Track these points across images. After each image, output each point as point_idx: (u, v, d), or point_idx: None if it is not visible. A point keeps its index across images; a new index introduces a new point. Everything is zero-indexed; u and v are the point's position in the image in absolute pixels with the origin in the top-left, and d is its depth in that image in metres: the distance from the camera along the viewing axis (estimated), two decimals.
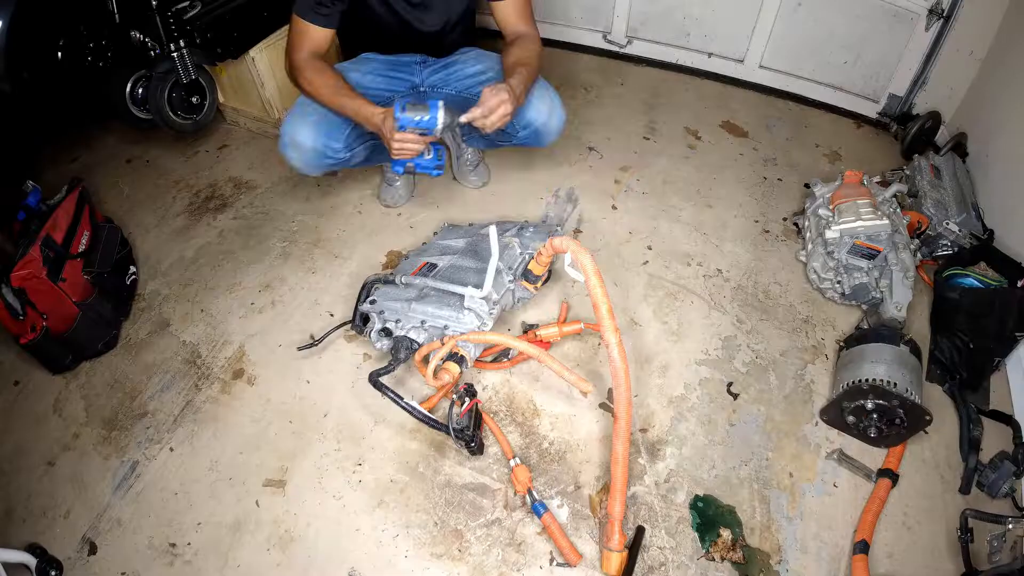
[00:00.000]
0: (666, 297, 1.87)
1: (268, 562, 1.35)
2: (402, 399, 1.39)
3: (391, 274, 1.70)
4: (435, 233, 1.97)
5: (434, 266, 1.69)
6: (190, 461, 1.52)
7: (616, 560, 1.29)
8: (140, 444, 1.56)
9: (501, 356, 1.68)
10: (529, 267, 1.59)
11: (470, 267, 1.66)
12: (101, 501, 1.46)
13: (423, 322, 1.53)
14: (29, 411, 1.65)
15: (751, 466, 1.49)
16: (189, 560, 1.36)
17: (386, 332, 1.55)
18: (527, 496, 1.40)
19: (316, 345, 1.68)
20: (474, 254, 1.72)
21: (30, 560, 1.28)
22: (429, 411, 1.44)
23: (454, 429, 1.40)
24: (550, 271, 1.79)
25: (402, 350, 1.49)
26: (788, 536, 1.38)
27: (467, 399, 1.45)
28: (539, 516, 1.37)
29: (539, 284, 1.64)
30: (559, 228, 1.90)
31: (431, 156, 1.74)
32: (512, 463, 1.44)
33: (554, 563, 1.34)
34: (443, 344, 1.44)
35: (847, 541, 1.37)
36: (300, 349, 1.70)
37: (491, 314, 1.54)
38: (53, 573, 1.29)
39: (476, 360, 1.61)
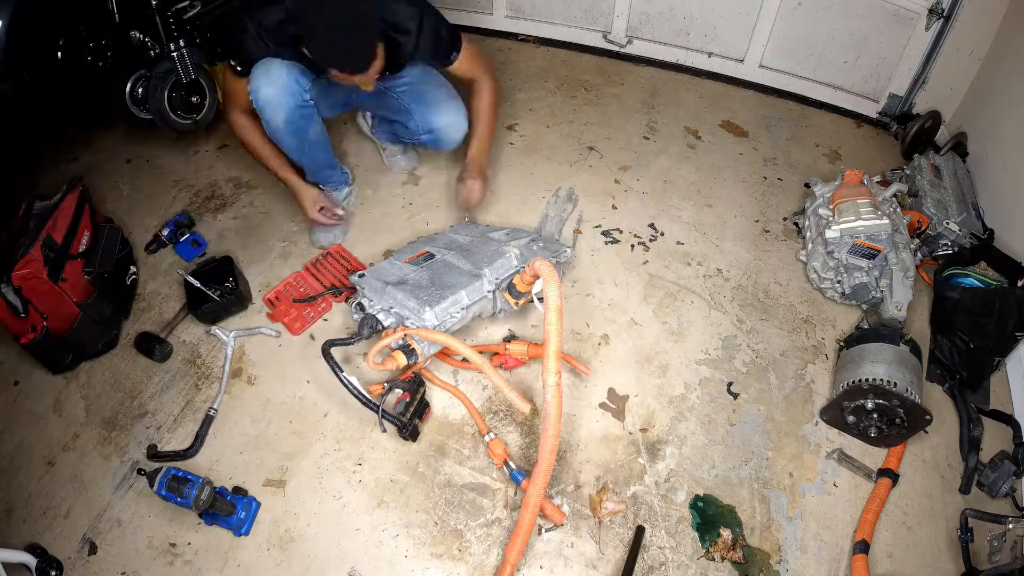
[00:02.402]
0: (666, 297, 1.87)
1: (268, 562, 1.35)
2: (342, 371, 1.39)
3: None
4: (451, 226, 1.98)
5: (431, 256, 1.72)
6: (190, 461, 1.52)
7: None
8: (140, 444, 1.56)
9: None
10: (514, 281, 1.58)
11: (461, 268, 1.66)
12: (101, 501, 1.46)
13: (391, 307, 1.54)
14: (29, 411, 1.65)
15: (751, 466, 1.49)
16: (189, 560, 1.36)
17: (360, 307, 1.58)
18: (504, 467, 1.43)
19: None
20: (471, 254, 1.72)
21: (30, 560, 1.28)
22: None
23: (383, 411, 1.42)
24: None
25: (366, 327, 1.51)
26: (788, 536, 1.38)
27: (399, 390, 1.50)
28: (518, 484, 1.41)
29: (521, 301, 1.60)
30: (568, 250, 1.84)
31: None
32: (487, 438, 1.47)
33: (543, 531, 1.37)
34: (409, 356, 1.45)
35: (847, 541, 1.37)
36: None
37: (453, 317, 1.54)
38: (53, 573, 1.29)
39: (442, 353, 1.63)
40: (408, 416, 1.48)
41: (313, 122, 1.80)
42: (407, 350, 1.45)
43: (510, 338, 1.71)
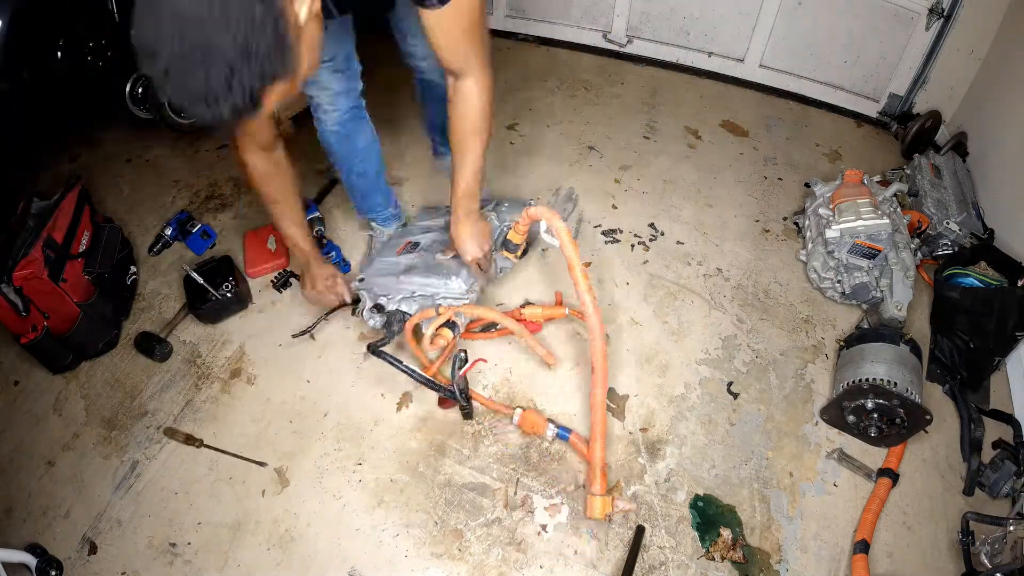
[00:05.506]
0: (666, 297, 1.87)
1: (268, 562, 1.35)
2: (402, 363, 1.41)
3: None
4: (411, 216, 1.97)
5: (416, 244, 1.72)
6: (190, 461, 1.52)
7: (599, 504, 1.33)
8: (140, 444, 1.56)
9: (490, 327, 1.73)
10: (508, 237, 1.59)
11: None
12: (101, 501, 1.46)
13: (413, 292, 1.56)
14: (29, 411, 1.65)
15: (751, 466, 1.49)
16: (189, 560, 1.36)
17: (378, 308, 1.58)
18: (548, 428, 1.47)
19: (310, 332, 1.72)
20: None
21: (30, 560, 1.28)
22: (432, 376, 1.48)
23: (458, 388, 1.44)
24: (529, 243, 1.78)
25: (395, 323, 1.52)
26: (788, 536, 1.38)
27: (466, 360, 1.47)
28: (566, 439, 1.48)
29: (518, 253, 1.64)
30: (532, 201, 1.95)
31: None
32: (516, 413, 1.50)
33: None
34: (438, 313, 1.48)
35: (847, 541, 1.37)
36: (295, 336, 1.73)
37: (475, 280, 1.59)
38: (53, 573, 1.29)
39: (466, 331, 1.66)
40: (467, 395, 1.50)
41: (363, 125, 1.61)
42: (450, 324, 1.50)
43: (524, 304, 1.75)
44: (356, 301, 1.68)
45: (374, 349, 1.44)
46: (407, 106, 2.66)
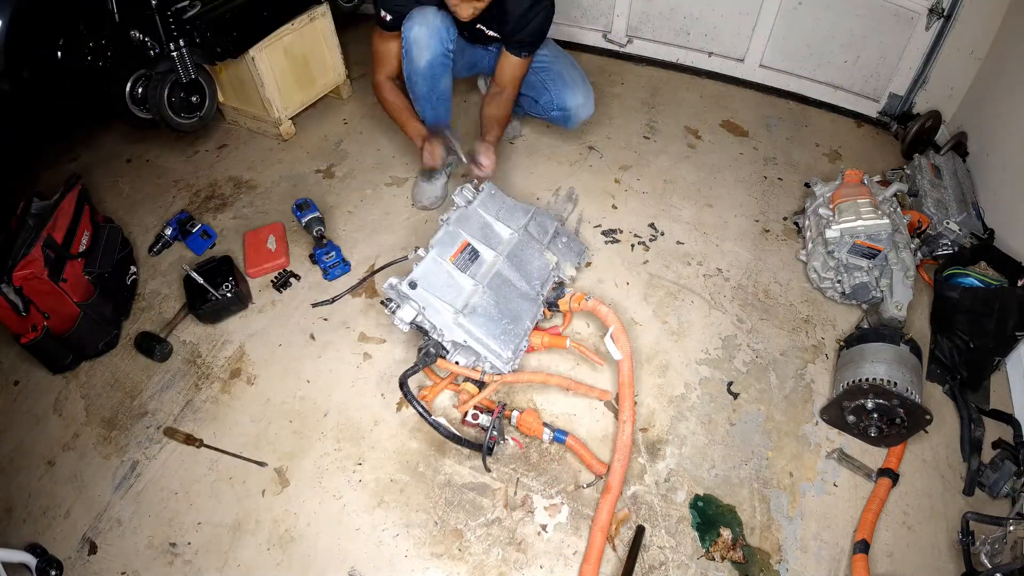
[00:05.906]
0: (666, 297, 1.87)
1: (268, 562, 1.35)
2: (430, 415, 1.44)
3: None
4: (472, 196, 1.74)
5: (476, 253, 1.62)
6: (190, 461, 1.52)
7: None
8: (140, 444, 1.56)
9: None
10: (558, 300, 1.65)
11: (518, 287, 1.63)
12: (101, 501, 1.46)
13: (465, 341, 1.50)
14: (29, 411, 1.65)
15: (751, 466, 1.49)
16: (189, 560, 1.36)
17: (420, 330, 1.55)
18: (545, 432, 1.47)
19: (333, 303, 1.80)
20: (517, 260, 1.66)
21: (30, 560, 1.28)
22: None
23: (488, 447, 1.45)
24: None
25: (431, 354, 1.51)
26: (788, 536, 1.38)
27: (494, 431, 1.49)
28: (562, 442, 1.48)
29: (553, 314, 1.72)
30: (586, 249, 1.92)
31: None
32: (514, 415, 1.50)
33: (586, 486, 1.43)
34: (481, 381, 1.53)
35: (847, 541, 1.37)
36: (315, 305, 1.80)
37: (522, 348, 1.58)
38: (53, 573, 1.29)
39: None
40: (492, 446, 1.48)
41: (447, 73, 1.93)
42: (478, 383, 1.55)
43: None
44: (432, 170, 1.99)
45: (407, 389, 1.44)
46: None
